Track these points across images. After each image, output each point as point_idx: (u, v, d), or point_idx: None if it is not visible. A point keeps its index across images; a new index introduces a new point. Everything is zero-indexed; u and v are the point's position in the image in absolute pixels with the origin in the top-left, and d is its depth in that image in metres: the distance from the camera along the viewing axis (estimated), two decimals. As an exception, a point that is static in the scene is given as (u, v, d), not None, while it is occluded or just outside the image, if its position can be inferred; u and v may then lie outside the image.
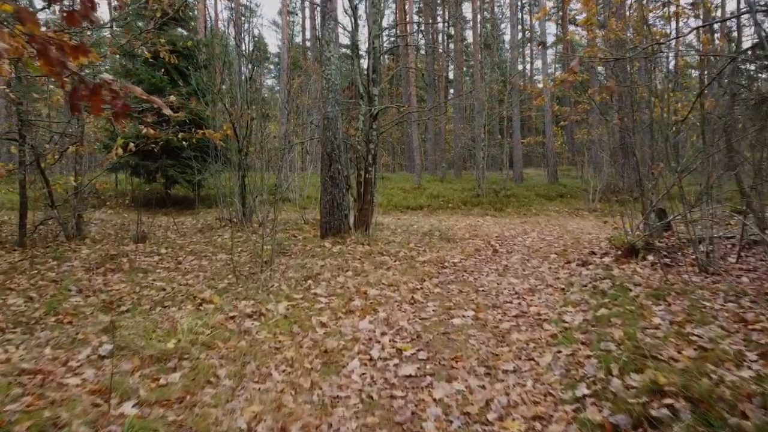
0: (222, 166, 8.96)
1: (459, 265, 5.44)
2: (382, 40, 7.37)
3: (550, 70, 26.47)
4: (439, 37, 27.66)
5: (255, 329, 3.34)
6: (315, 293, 4.15)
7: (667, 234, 5.56)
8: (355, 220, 6.78)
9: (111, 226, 8.59)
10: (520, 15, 26.21)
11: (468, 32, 28.92)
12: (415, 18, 28.34)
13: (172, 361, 2.81)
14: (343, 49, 26.24)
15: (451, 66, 27.41)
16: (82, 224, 7.14)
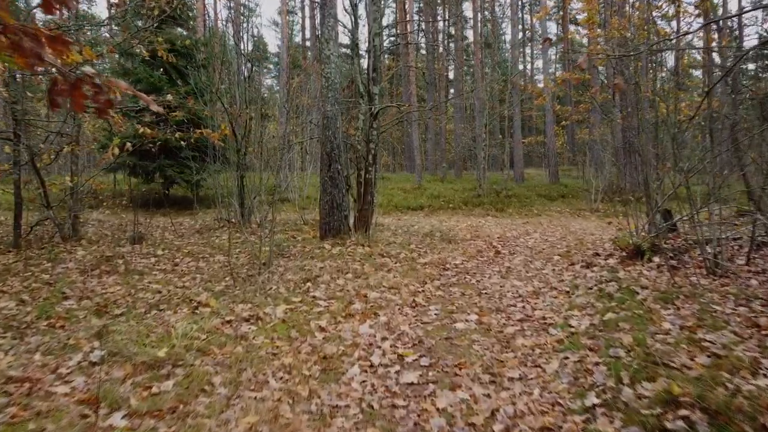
0: (221, 166, 8.87)
1: (461, 266, 5.34)
2: (382, 38, 7.28)
3: (551, 69, 26.37)
4: (440, 36, 27.56)
5: (252, 334, 3.25)
6: (314, 296, 4.05)
7: (672, 235, 5.46)
8: (355, 220, 6.68)
9: (108, 227, 8.49)
10: (520, 14, 26.15)
11: (468, 32, 28.84)
12: (416, 18, 28.24)
13: (165, 368, 2.72)
14: (343, 49, 26.17)
15: (452, 66, 27.32)
16: (78, 225, 7.05)
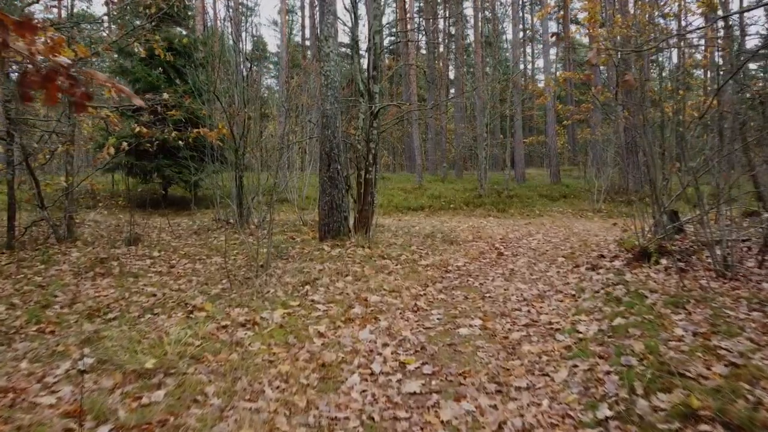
0: (219, 166, 8.75)
1: (463, 269, 5.22)
2: (382, 36, 7.16)
3: (552, 69, 26.25)
4: (440, 36, 27.44)
5: (248, 340, 3.13)
6: (312, 300, 3.94)
7: (679, 237, 5.34)
8: (355, 221, 6.56)
9: (105, 228, 8.38)
10: (521, 14, 26.03)
11: (469, 31, 28.72)
12: (416, 19, 28.13)
13: (156, 377, 2.60)
14: (343, 48, 26.05)
15: (452, 65, 27.21)
16: (73, 226, 6.93)
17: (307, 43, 26.59)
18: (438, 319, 3.56)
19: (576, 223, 9.49)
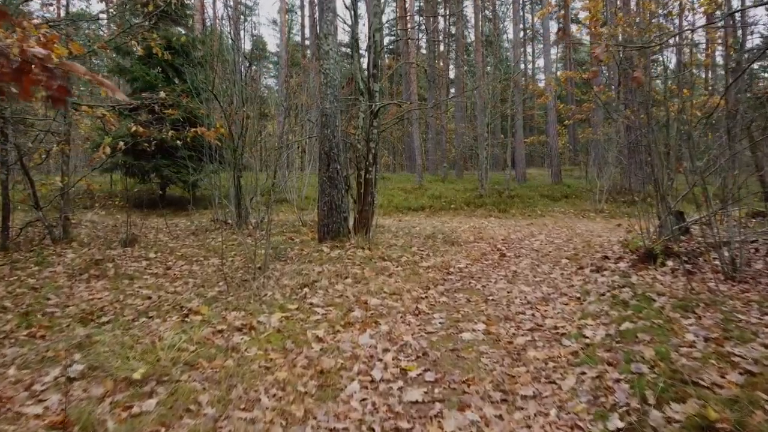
0: (218, 166, 8.65)
1: (465, 270, 5.13)
2: (382, 34, 7.07)
3: (553, 68, 26.16)
4: (440, 36, 27.35)
5: (244, 345, 3.03)
6: (311, 303, 3.84)
7: (685, 238, 5.25)
8: (355, 222, 6.46)
9: (102, 228, 8.28)
10: (521, 13, 25.95)
11: (469, 31, 28.62)
12: (416, 18, 28.02)
13: (149, 385, 2.50)
14: (343, 48, 25.94)
15: (452, 65, 27.12)
16: (69, 226, 6.84)
17: (307, 42, 26.49)
18: (440, 323, 3.47)
19: (578, 224, 9.39)
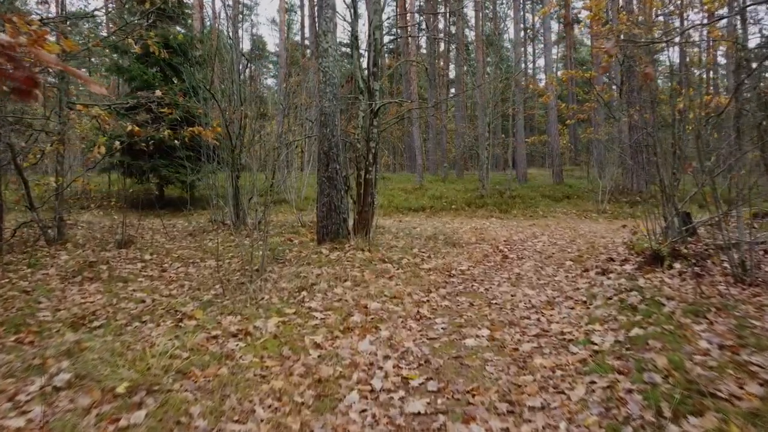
0: (217, 166, 8.54)
1: (467, 273, 5.01)
2: (382, 31, 6.95)
3: (554, 68, 26.05)
4: (441, 34, 27.22)
5: (239, 352, 2.92)
6: (309, 307, 3.73)
7: (692, 240, 5.13)
8: (355, 223, 6.35)
9: (98, 229, 8.17)
10: (522, 13, 25.85)
11: (469, 32, 28.51)
12: (417, 18, 27.90)
13: (138, 394, 2.39)
14: (343, 48, 25.82)
15: (453, 65, 27.01)
16: (64, 227, 6.72)
17: (307, 42, 26.40)
18: (442, 329, 3.35)
19: (581, 225, 9.28)
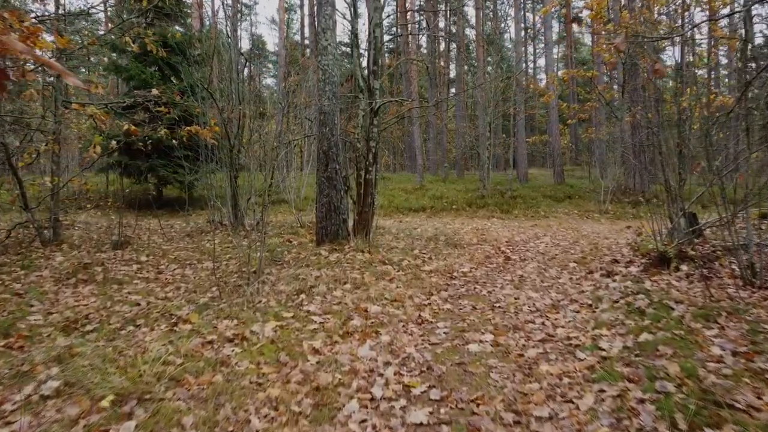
0: (215, 165, 8.44)
1: (469, 275, 4.92)
2: (383, 29, 6.85)
3: (554, 67, 25.95)
4: (441, 33, 27.12)
5: (235, 358, 2.82)
6: (308, 311, 3.63)
7: (698, 241, 5.03)
8: (355, 224, 6.25)
9: (96, 230, 8.07)
10: (522, 12, 25.78)
11: (470, 31, 28.42)
12: (417, 17, 27.79)
13: (129, 404, 2.29)
14: (343, 47, 25.72)
15: (453, 64, 26.92)
16: (59, 228, 6.62)
17: (306, 42, 26.31)
18: (445, 333, 3.26)
19: (583, 225, 9.18)
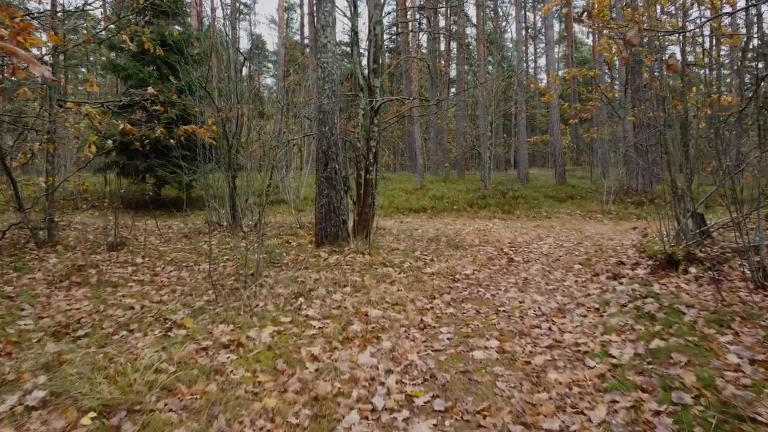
0: (213, 165, 8.33)
1: (472, 277, 4.80)
2: (383, 26, 6.74)
3: (555, 66, 25.84)
4: (441, 33, 27.02)
5: (230, 365, 2.71)
6: (306, 315, 3.52)
7: (707, 243, 4.92)
8: (355, 225, 6.14)
9: (92, 231, 7.96)
10: (523, 11, 25.68)
11: (470, 30, 28.30)
12: (417, 15, 27.68)
13: (117, 415, 2.19)
14: (343, 47, 25.59)
15: (453, 64, 26.81)
16: (54, 229, 6.51)
17: (306, 41, 26.22)
18: (448, 339, 3.15)
19: (586, 226, 9.07)
